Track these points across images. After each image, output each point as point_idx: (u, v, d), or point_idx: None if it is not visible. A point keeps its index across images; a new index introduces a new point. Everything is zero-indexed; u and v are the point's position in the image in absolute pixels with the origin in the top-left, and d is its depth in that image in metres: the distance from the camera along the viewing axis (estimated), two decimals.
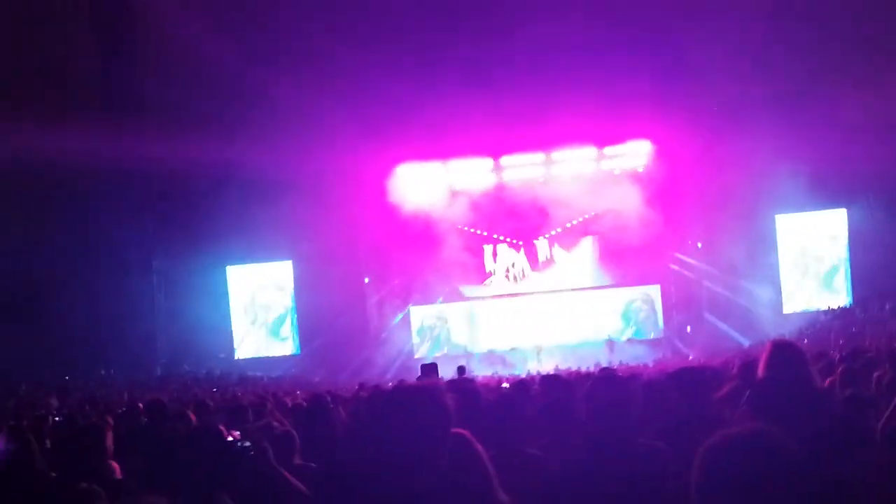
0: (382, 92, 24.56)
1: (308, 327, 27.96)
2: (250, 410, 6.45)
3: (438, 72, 24.46)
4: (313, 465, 4.61)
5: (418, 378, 6.29)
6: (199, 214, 25.64)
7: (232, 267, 28.70)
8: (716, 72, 23.59)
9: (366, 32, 24.37)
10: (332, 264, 26.27)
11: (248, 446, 4.33)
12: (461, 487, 2.58)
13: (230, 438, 4.63)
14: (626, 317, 28.66)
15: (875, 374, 6.36)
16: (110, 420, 7.41)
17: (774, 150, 23.40)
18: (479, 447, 3.10)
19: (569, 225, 28.48)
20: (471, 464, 3.04)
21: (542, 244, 28.92)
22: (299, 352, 28.42)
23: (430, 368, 6.51)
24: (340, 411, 7.00)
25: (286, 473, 4.39)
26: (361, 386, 12.05)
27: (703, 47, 23.10)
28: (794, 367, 3.94)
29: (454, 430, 3.16)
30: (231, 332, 28.64)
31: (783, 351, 4.05)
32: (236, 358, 28.16)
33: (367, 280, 28.46)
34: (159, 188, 25.90)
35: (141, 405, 8.15)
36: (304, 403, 7.21)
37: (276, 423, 5.37)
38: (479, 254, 29.02)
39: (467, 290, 28.98)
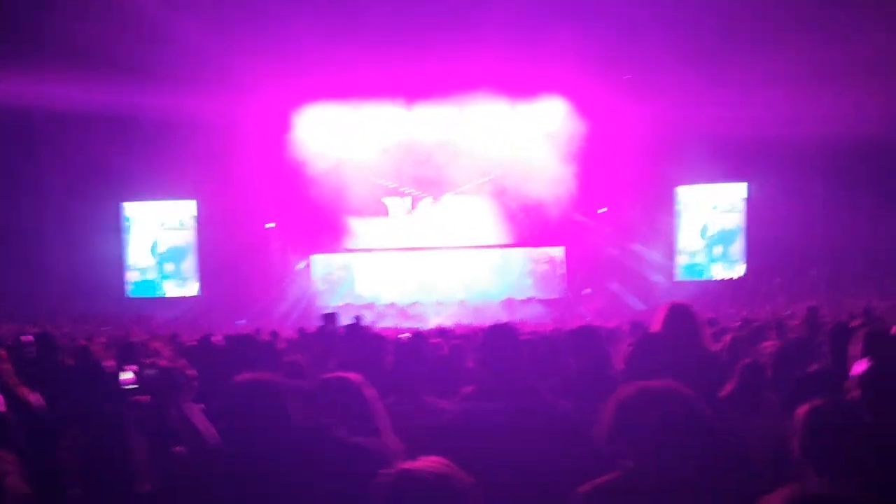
0: (290, 30, 23.90)
1: (209, 269, 27.43)
2: (141, 348, 6.27)
3: (348, 9, 23.92)
4: (202, 405, 4.51)
5: (319, 327, 6.23)
6: (97, 151, 24.60)
7: (130, 203, 27.80)
8: (634, 33, 23.76)
9: None
10: (236, 207, 25.76)
11: (154, 375, 4.21)
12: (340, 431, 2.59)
13: (130, 374, 4.48)
14: (529, 276, 29.00)
15: (765, 344, 6.60)
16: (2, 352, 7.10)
17: (683, 120, 23.84)
18: (370, 392, 3.08)
19: (478, 181, 28.51)
20: (356, 407, 3.03)
21: (449, 199, 28.88)
22: (199, 293, 27.90)
23: (331, 318, 6.45)
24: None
25: (189, 412, 4.28)
26: (258, 331, 11.89)
27: (624, 5, 23.21)
28: (688, 327, 4.05)
29: (345, 374, 3.14)
30: (128, 269, 27.86)
31: (679, 312, 4.16)
32: (133, 296, 27.47)
33: (272, 224, 27.97)
34: (56, 123, 24.68)
35: (31, 337, 7.83)
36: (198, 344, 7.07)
37: (163, 363, 5.21)
38: (384, 204, 28.82)
39: (372, 239, 28.76)
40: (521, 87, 26.93)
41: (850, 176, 23.81)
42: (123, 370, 4.50)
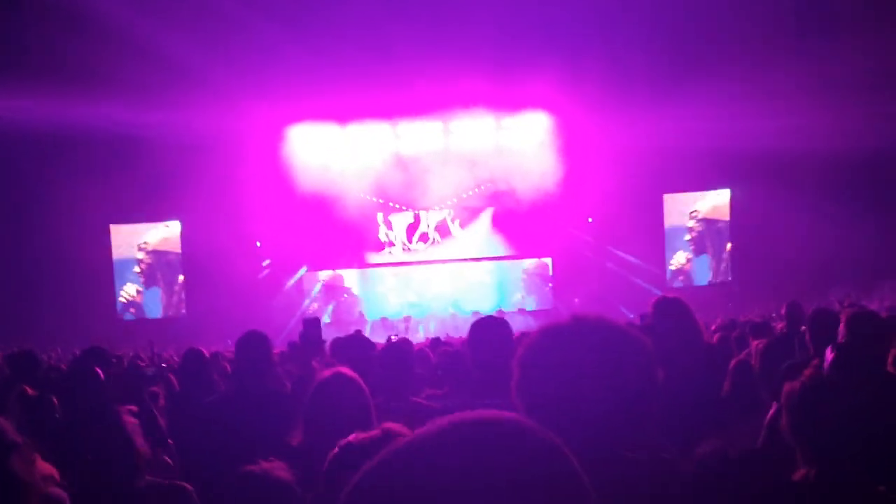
0: (276, 50, 23.99)
1: (197, 289, 27.27)
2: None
3: (334, 31, 24.02)
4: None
5: (301, 332, 6.12)
6: (81, 173, 24.42)
7: (115, 226, 27.68)
8: (617, 46, 24.00)
9: None
10: (222, 226, 25.60)
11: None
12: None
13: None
14: (518, 288, 29.02)
15: (754, 343, 6.58)
16: None
17: (666, 130, 23.95)
18: (360, 381, 3.08)
19: (465, 195, 28.56)
20: (357, 400, 3.01)
21: (437, 214, 28.92)
22: (186, 313, 27.75)
23: (313, 323, 6.26)
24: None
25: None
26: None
27: (606, 20, 23.45)
28: (681, 317, 4.05)
29: (338, 369, 3.14)
30: (115, 292, 27.74)
31: (669, 303, 4.17)
32: (122, 318, 27.34)
33: (258, 243, 27.90)
34: (43, 145, 24.48)
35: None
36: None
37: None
38: (375, 221, 28.81)
39: (363, 257, 28.75)
40: (504, 102, 27.04)
41: (834, 182, 23.94)
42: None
